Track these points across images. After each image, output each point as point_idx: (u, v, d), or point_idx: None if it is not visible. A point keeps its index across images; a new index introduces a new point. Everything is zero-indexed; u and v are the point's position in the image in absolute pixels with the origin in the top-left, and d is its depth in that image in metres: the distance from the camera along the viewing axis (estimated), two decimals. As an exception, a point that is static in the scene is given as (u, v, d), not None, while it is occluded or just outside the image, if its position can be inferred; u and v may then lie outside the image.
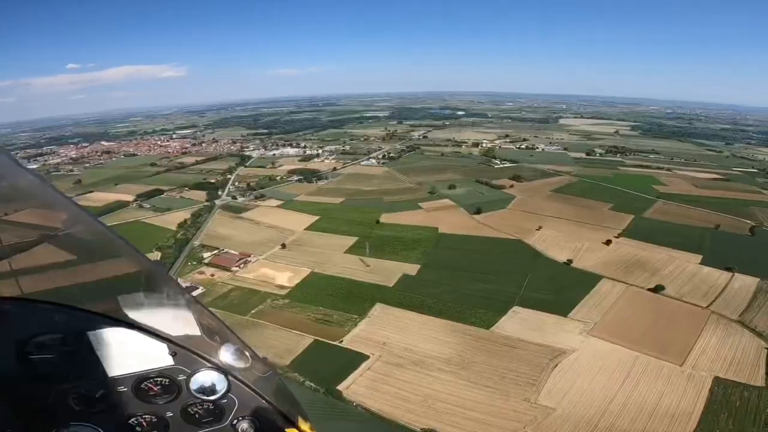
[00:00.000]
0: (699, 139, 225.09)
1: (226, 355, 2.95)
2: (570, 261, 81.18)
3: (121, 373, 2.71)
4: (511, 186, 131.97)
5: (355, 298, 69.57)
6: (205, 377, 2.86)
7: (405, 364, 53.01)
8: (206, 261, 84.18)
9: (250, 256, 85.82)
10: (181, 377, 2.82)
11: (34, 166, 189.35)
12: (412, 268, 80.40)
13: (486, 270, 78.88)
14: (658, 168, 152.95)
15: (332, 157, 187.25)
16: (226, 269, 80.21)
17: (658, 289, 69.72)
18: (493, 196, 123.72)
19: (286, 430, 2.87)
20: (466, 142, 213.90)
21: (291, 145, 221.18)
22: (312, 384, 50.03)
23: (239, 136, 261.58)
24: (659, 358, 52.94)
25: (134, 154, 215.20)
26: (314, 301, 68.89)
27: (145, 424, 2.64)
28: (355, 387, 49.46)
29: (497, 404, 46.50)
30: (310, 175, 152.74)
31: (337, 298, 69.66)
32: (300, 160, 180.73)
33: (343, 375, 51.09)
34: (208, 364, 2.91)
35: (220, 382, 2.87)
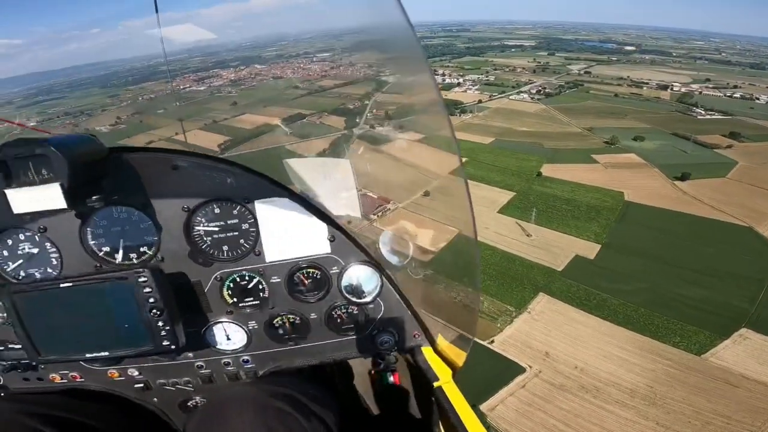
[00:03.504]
0: None
1: (383, 245, 2.22)
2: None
3: (278, 259, 2.00)
4: (729, 146, 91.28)
5: (512, 281, 52.56)
6: (359, 273, 2.05)
7: (571, 387, 39.72)
8: (342, 201, 72.75)
9: (389, 202, 70.71)
10: (334, 270, 2.05)
11: (202, 88, 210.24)
12: (588, 248, 58.27)
13: (699, 267, 54.08)
14: None
15: (475, 87, 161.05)
16: (365, 217, 67.29)
17: None
18: (701, 156, 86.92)
19: (422, 348, 2.23)
20: (647, 83, 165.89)
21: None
22: (453, 397, 37.03)
23: (374, 60, 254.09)
24: None
25: (280, 77, 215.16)
26: (462, 278, 52.86)
27: (287, 326, 2.11)
28: (502, 409, 37.34)
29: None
30: (451, 107, 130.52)
31: (490, 277, 52.83)
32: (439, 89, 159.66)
33: (490, 389, 38.85)
34: (363, 257, 2.05)
35: (373, 282, 2.08)
